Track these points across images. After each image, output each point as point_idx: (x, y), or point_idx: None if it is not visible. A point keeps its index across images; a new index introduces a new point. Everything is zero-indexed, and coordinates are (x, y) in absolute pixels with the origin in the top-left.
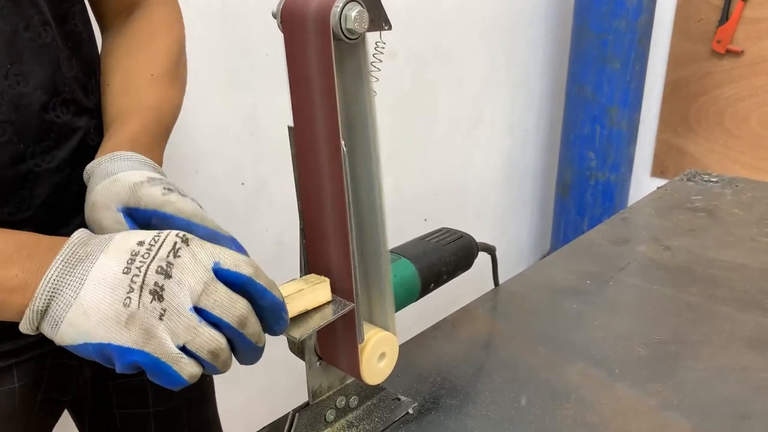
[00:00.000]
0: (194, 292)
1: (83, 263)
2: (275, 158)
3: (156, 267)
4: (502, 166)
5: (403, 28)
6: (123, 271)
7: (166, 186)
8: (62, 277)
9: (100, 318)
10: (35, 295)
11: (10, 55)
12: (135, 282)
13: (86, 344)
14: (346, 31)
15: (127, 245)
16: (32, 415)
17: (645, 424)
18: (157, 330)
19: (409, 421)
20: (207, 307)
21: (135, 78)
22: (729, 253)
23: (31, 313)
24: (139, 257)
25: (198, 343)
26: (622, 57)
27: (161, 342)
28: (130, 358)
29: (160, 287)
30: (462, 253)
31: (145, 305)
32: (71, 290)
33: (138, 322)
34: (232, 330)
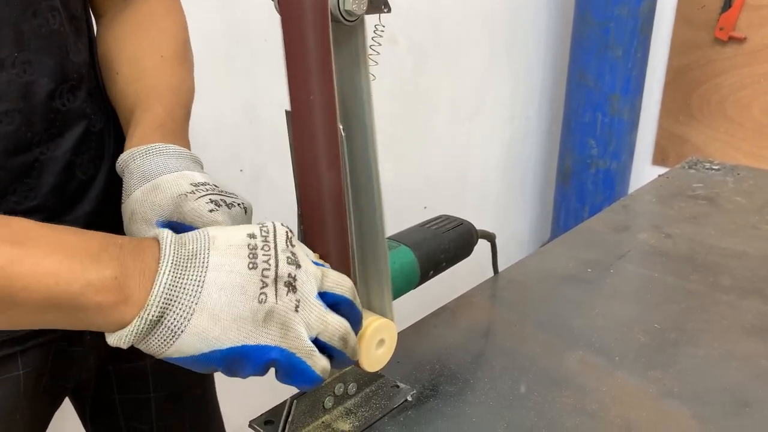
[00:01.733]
0: (317, 278)
1: (193, 263)
2: (274, 145)
3: (285, 258)
4: (502, 154)
5: (403, 15)
6: (249, 267)
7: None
8: (176, 281)
9: (232, 320)
10: (148, 303)
11: (17, 43)
12: (267, 276)
13: (213, 352)
14: (344, 12)
15: (239, 239)
16: (36, 402)
17: (645, 411)
18: (294, 322)
19: (408, 408)
20: (329, 288)
21: (144, 61)
22: (730, 240)
23: (140, 322)
24: (260, 251)
25: (330, 331)
26: (624, 44)
27: (298, 335)
28: (267, 356)
29: (293, 278)
30: (462, 241)
31: (282, 299)
32: (189, 295)
33: (276, 317)
34: (349, 304)
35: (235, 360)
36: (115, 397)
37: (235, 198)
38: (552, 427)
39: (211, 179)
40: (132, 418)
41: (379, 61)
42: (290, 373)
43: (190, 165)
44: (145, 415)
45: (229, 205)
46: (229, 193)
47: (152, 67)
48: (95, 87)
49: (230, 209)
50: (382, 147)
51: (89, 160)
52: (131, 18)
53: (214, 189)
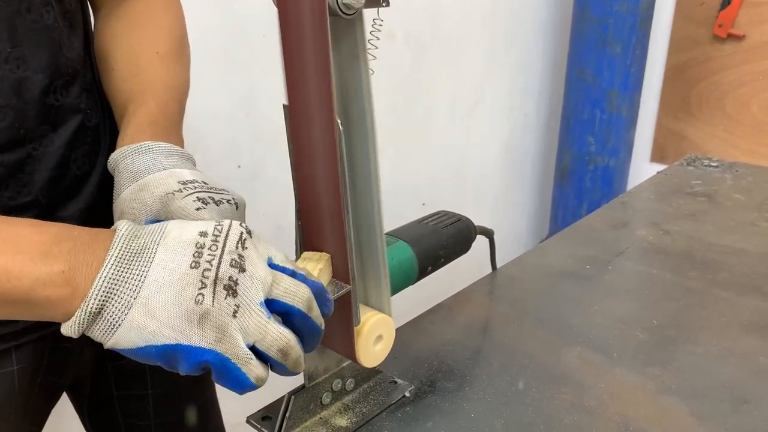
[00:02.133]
0: (265, 285)
1: (139, 258)
2: (272, 140)
3: (229, 260)
4: (501, 150)
5: (402, 9)
6: (191, 266)
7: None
8: (118, 275)
9: (167, 318)
10: (88, 296)
11: (10, 38)
12: (207, 277)
13: (149, 347)
14: (342, 6)
15: (189, 236)
16: (31, 398)
17: (643, 408)
18: (230, 328)
19: (406, 404)
20: (278, 297)
21: (140, 57)
22: (729, 237)
23: (81, 314)
24: (206, 250)
25: (268, 341)
26: (622, 40)
27: (234, 341)
28: (201, 358)
29: (234, 282)
30: (460, 237)
31: (219, 302)
32: (129, 289)
33: (212, 320)
34: (301, 316)
35: (170, 357)
36: (113, 393)
37: (224, 194)
38: (550, 423)
39: (202, 176)
40: (130, 414)
41: (377, 56)
42: (223, 376)
43: (180, 162)
44: (143, 412)
45: (218, 202)
46: (220, 189)
47: (147, 63)
48: (91, 82)
49: (219, 206)
50: (380, 143)
51: (84, 155)
52: (128, 13)
53: (202, 186)
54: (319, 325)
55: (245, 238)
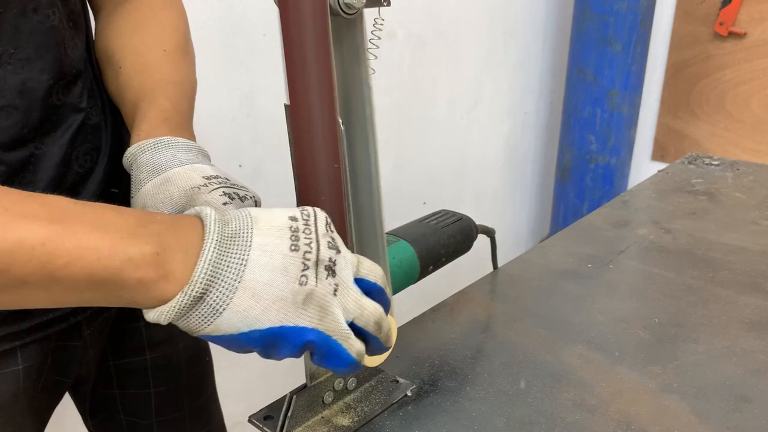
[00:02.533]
0: (354, 264)
1: (236, 242)
2: (273, 139)
3: (326, 242)
4: (501, 149)
5: (403, 8)
6: (291, 248)
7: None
8: (220, 259)
9: (273, 299)
10: (192, 279)
11: (15, 38)
12: (309, 259)
13: (253, 332)
14: (343, 6)
15: (281, 221)
16: (36, 397)
17: (644, 406)
18: (331, 306)
19: (408, 403)
20: (365, 275)
21: (146, 55)
22: (730, 236)
23: (184, 298)
24: (302, 234)
25: (366, 315)
26: (623, 39)
27: (335, 318)
28: (305, 338)
29: (333, 262)
30: (461, 236)
31: (322, 282)
32: (233, 272)
33: (315, 300)
34: (381, 292)
35: (273, 340)
36: (115, 392)
37: (246, 191)
38: (551, 422)
39: (222, 172)
40: (132, 413)
41: (378, 55)
42: (326, 355)
43: (199, 158)
44: (145, 411)
45: (242, 198)
46: (240, 185)
47: (155, 61)
48: (92, 81)
49: (243, 202)
50: (380, 142)
51: (86, 153)
52: (131, 12)
53: (225, 182)
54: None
55: (329, 222)
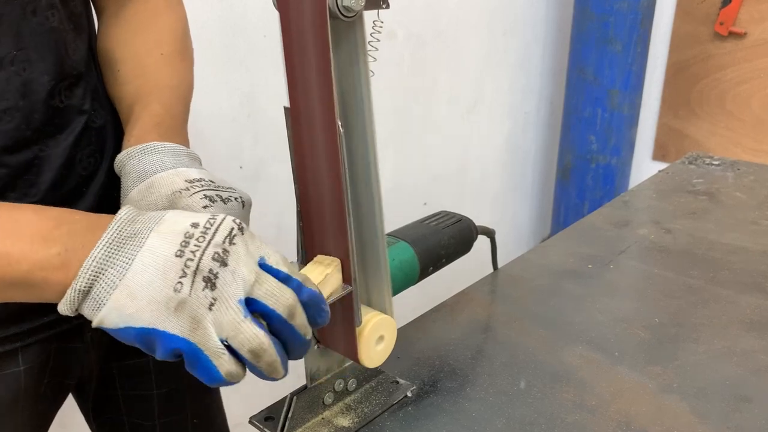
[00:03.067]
0: (247, 283)
1: (131, 242)
2: (273, 140)
3: (212, 253)
4: (502, 149)
5: (402, 7)
6: (176, 254)
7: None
8: (108, 257)
9: (147, 301)
10: (78, 275)
11: (16, 41)
12: (189, 267)
13: (128, 328)
14: (342, 9)
15: (181, 226)
16: (38, 398)
17: (644, 406)
18: (204, 320)
19: (408, 404)
20: (259, 297)
21: (144, 59)
22: (730, 236)
23: (72, 292)
24: (193, 240)
25: (240, 340)
26: (623, 39)
27: (207, 333)
28: (174, 345)
29: (214, 275)
30: (461, 237)
31: (197, 292)
32: (117, 271)
33: (188, 309)
34: (282, 322)
35: (147, 340)
36: (117, 393)
37: (232, 192)
38: (552, 422)
39: (208, 175)
40: (135, 414)
41: (378, 56)
42: (194, 366)
43: (186, 162)
44: (147, 412)
45: (225, 200)
46: (226, 187)
47: (152, 64)
48: (96, 83)
49: (226, 204)
50: (381, 142)
51: (89, 155)
52: (132, 16)
53: (210, 185)
54: (302, 335)
55: (235, 234)
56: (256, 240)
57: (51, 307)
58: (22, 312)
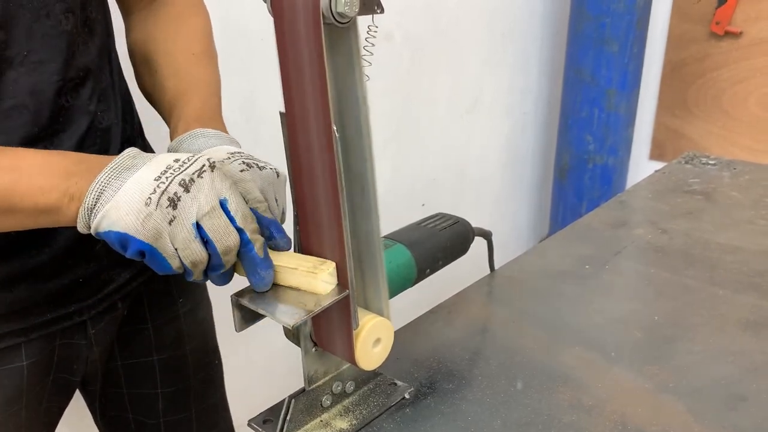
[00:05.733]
0: (201, 211)
1: (128, 171)
2: (272, 144)
3: (180, 180)
4: (500, 150)
5: (400, 9)
6: (154, 179)
7: (245, 160)
8: (109, 181)
9: (126, 211)
10: (87, 193)
11: (27, 41)
12: (159, 188)
13: (110, 231)
14: (336, 14)
15: (166, 160)
16: (43, 394)
17: (641, 406)
18: (164, 232)
19: (405, 405)
20: (205, 228)
21: (178, 59)
22: (726, 235)
23: (84, 209)
24: (170, 170)
25: (186, 254)
26: (620, 39)
27: (165, 242)
28: (139, 247)
29: (177, 197)
30: (458, 239)
31: (161, 208)
32: (113, 190)
33: (152, 220)
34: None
35: (122, 242)
36: (123, 391)
37: (268, 164)
38: (548, 423)
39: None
40: (140, 412)
41: (375, 57)
42: (151, 262)
43: (227, 142)
44: (152, 410)
45: (261, 167)
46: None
47: (186, 63)
48: (107, 86)
49: (261, 170)
50: (379, 144)
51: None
52: (163, 17)
53: (249, 156)
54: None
55: (204, 170)
56: (226, 183)
57: (53, 303)
58: (26, 308)
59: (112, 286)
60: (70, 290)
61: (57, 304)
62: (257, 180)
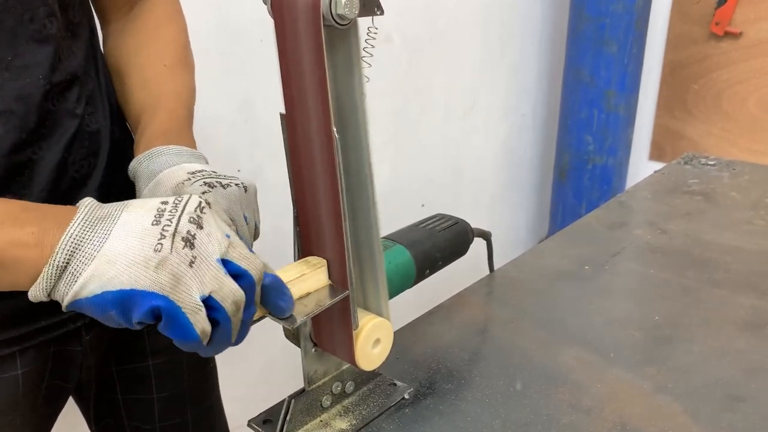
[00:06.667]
0: (222, 245)
1: (104, 221)
2: (271, 144)
3: (188, 217)
4: (499, 151)
5: (398, 11)
6: (152, 223)
7: (206, 180)
8: (84, 233)
9: (126, 264)
10: (56, 249)
11: (12, 46)
12: (167, 230)
13: (105, 293)
14: (336, 16)
15: (151, 204)
16: (37, 402)
17: (639, 407)
18: (186, 276)
19: (405, 406)
20: (234, 259)
21: (148, 71)
22: (725, 236)
23: (50, 269)
24: (166, 212)
25: (224, 292)
26: (619, 40)
27: (187, 289)
28: (153, 303)
29: (192, 236)
30: (457, 240)
31: (177, 250)
32: (93, 245)
33: (169, 266)
34: (251, 284)
35: (124, 302)
36: (118, 397)
37: (233, 179)
38: (547, 423)
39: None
40: (135, 418)
41: (373, 59)
42: (170, 324)
43: (190, 160)
44: (148, 416)
45: (225, 186)
46: (229, 176)
47: (155, 76)
48: (94, 89)
49: (225, 189)
50: (379, 145)
51: (82, 158)
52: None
53: (210, 174)
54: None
55: (203, 207)
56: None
57: (49, 310)
58: (20, 315)
59: None
60: None
61: (51, 312)
62: (221, 201)
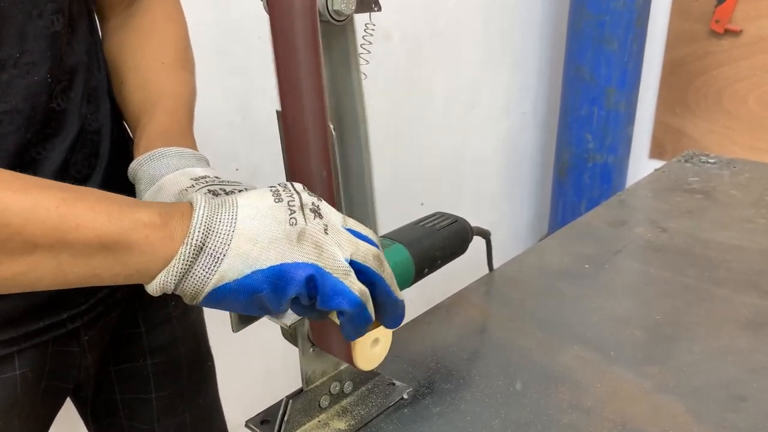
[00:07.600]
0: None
1: (223, 206)
2: (269, 142)
3: (307, 193)
4: (499, 149)
5: (398, 8)
6: (275, 201)
7: (211, 188)
8: (212, 216)
9: (268, 241)
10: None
11: (20, 43)
12: (293, 205)
13: (255, 272)
14: (332, 12)
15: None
16: (36, 403)
17: (640, 407)
18: (326, 243)
19: (404, 406)
20: (353, 227)
21: (147, 70)
22: (726, 234)
23: (186, 248)
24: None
25: (363, 251)
26: (619, 37)
27: (332, 254)
28: (306, 273)
29: (317, 207)
30: (456, 238)
31: (311, 221)
32: (226, 225)
33: (309, 237)
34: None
35: (276, 280)
36: (116, 397)
37: (236, 185)
38: (547, 423)
39: (213, 172)
40: (133, 418)
41: (373, 57)
42: (329, 292)
43: (192, 162)
44: (146, 416)
45: (229, 193)
46: (232, 182)
47: (153, 75)
48: (94, 88)
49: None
50: (377, 143)
51: (83, 159)
52: (136, 27)
53: (214, 180)
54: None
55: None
56: None
57: (47, 311)
58: (18, 316)
59: (104, 291)
60: (62, 297)
61: (50, 312)
62: None
